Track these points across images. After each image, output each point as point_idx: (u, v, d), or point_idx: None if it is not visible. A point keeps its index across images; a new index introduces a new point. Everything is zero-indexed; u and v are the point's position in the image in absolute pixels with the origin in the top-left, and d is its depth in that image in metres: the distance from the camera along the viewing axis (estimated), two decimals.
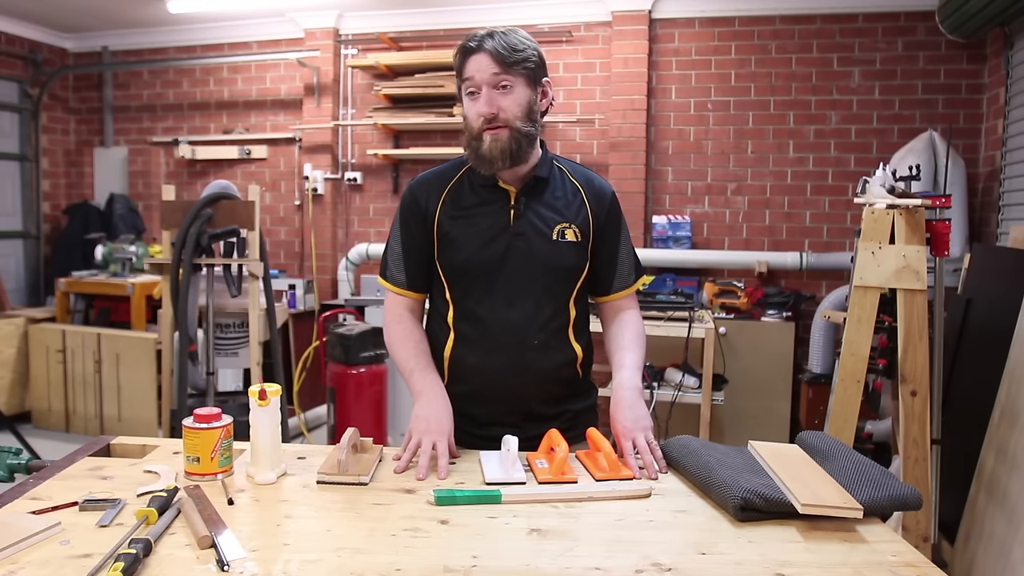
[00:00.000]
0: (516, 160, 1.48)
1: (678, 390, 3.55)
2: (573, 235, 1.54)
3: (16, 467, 1.43)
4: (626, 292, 1.64)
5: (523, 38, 1.48)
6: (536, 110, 1.51)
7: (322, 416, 4.64)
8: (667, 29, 4.57)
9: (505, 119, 1.45)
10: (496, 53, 1.43)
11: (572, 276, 1.57)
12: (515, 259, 1.52)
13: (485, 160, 1.47)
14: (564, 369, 1.58)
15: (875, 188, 2.41)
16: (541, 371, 1.54)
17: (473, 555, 1.03)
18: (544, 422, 1.51)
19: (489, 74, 1.44)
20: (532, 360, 1.52)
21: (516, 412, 1.55)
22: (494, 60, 1.43)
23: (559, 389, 1.59)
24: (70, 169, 5.90)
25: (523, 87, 1.47)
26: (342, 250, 5.22)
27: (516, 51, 1.45)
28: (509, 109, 1.45)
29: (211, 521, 1.08)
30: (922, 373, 2.29)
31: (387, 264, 1.61)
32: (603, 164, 4.64)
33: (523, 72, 1.46)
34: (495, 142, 1.45)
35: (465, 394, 1.55)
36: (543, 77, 1.52)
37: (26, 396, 4.76)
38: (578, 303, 1.60)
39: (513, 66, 1.44)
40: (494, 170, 1.49)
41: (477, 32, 1.47)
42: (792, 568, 1.01)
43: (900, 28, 4.24)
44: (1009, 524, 2.29)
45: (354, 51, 5.11)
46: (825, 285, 4.39)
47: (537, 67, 1.49)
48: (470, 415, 1.56)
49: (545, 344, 1.53)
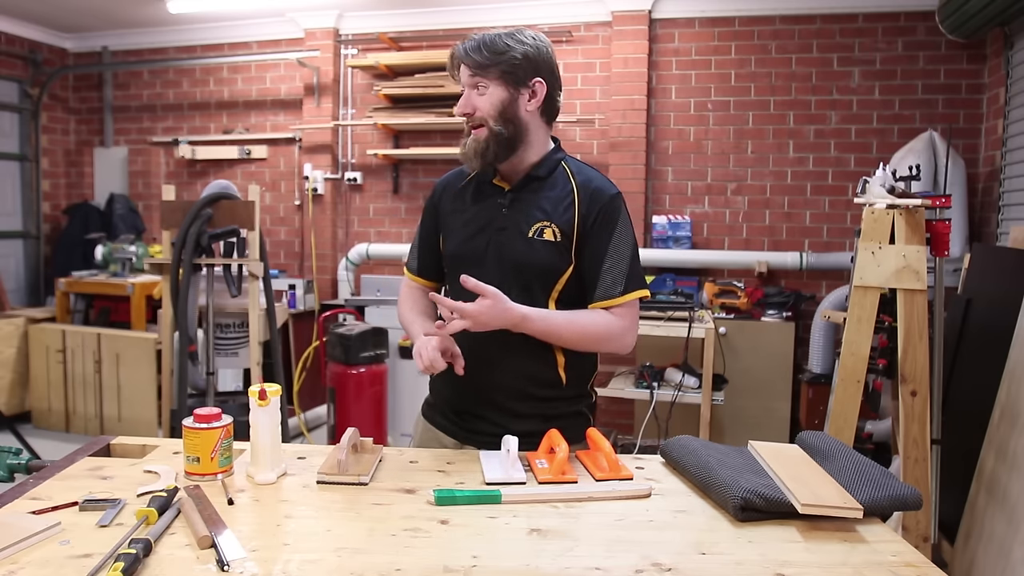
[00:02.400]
0: (493, 159, 1.53)
1: (678, 390, 3.55)
2: (551, 234, 1.52)
3: (16, 467, 1.43)
4: (609, 302, 1.51)
5: (509, 40, 1.50)
6: (516, 110, 1.51)
7: (322, 416, 4.64)
8: (667, 29, 4.57)
9: (480, 118, 1.51)
10: (467, 57, 1.51)
11: (546, 276, 1.54)
12: (493, 254, 1.55)
13: (465, 159, 1.55)
14: (542, 370, 1.56)
15: (875, 188, 2.41)
16: (509, 367, 1.55)
17: (473, 555, 1.03)
18: (520, 419, 1.54)
19: (467, 79, 1.52)
20: (498, 355, 1.53)
21: (487, 404, 1.58)
22: (466, 63, 1.51)
23: (533, 388, 1.57)
24: (70, 169, 5.90)
25: (498, 87, 1.50)
26: (342, 250, 5.22)
27: (495, 53, 1.48)
28: (482, 108, 1.51)
29: (211, 521, 1.08)
30: (922, 373, 2.29)
31: (410, 253, 1.75)
32: (603, 164, 4.64)
33: (498, 73, 1.49)
34: (474, 141, 1.53)
35: (445, 378, 1.59)
36: (531, 77, 1.51)
37: (26, 396, 4.76)
38: (561, 305, 1.55)
39: (486, 67, 1.49)
40: (472, 168, 1.57)
41: (458, 44, 1.54)
42: (792, 568, 1.01)
43: (900, 28, 4.24)
44: (1009, 524, 2.29)
45: (354, 51, 5.11)
46: (825, 285, 4.39)
47: (519, 67, 1.49)
48: (452, 402, 1.65)
49: (516, 341, 1.50)
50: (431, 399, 1.74)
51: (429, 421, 1.71)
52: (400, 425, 4.23)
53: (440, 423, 1.67)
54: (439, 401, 1.70)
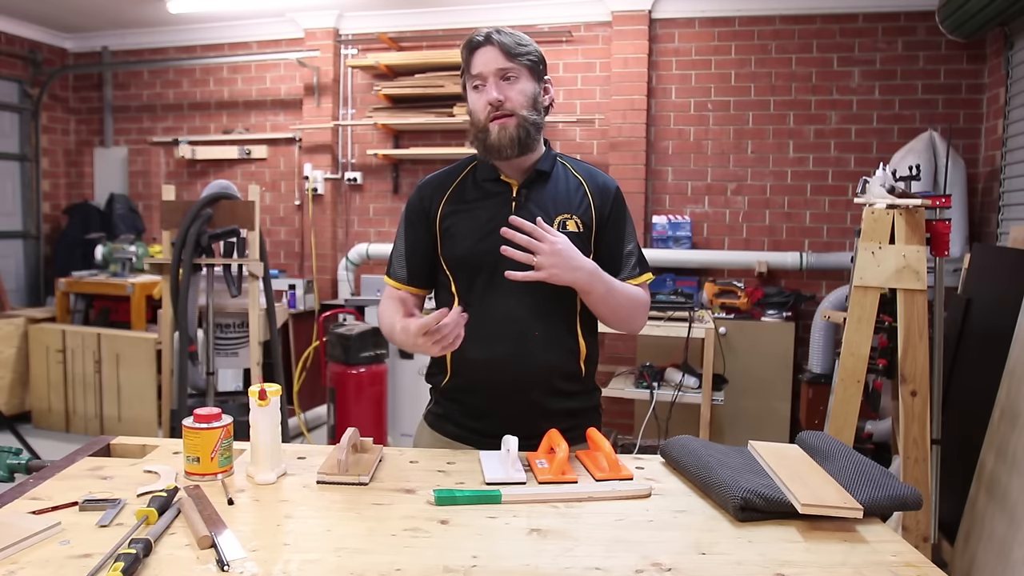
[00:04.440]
0: (524, 148, 1.51)
1: (678, 390, 3.55)
2: (575, 226, 1.55)
3: (16, 467, 1.43)
4: (635, 281, 1.60)
5: (525, 37, 1.55)
6: (540, 102, 1.55)
7: (322, 416, 4.65)
8: (667, 29, 4.57)
9: (511, 107, 1.49)
10: (502, 45, 1.49)
11: None
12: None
13: (494, 149, 1.50)
14: (566, 362, 1.56)
15: (875, 188, 2.41)
16: (542, 362, 1.52)
17: (473, 555, 1.03)
18: (546, 417, 1.50)
19: (495, 67, 1.49)
20: (533, 351, 1.51)
21: (518, 404, 1.52)
22: (500, 52, 1.49)
23: (561, 382, 1.56)
24: (70, 169, 5.90)
25: (528, 79, 1.52)
26: (342, 250, 5.22)
27: (520, 45, 1.52)
28: (515, 98, 1.50)
29: (211, 521, 1.08)
30: (922, 373, 2.29)
31: (391, 262, 1.66)
32: (603, 164, 4.64)
33: (527, 64, 1.52)
34: (503, 130, 1.49)
35: (468, 386, 1.56)
36: (544, 76, 1.57)
37: (26, 396, 4.76)
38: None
39: (518, 57, 1.50)
40: (503, 158, 1.52)
41: (480, 31, 1.52)
42: (792, 568, 1.01)
43: (900, 28, 4.24)
44: (1009, 524, 2.29)
45: (354, 51, 5.11)
46: (825, 285, 4.39)
47: (538, 64, 1.55)
48: (472, 408, 1.57)
49: (546, 335, 1.52)
50: (438, 409, 1.64)
51: (439, 432, 1.62)
52: (400, 425, 4.23)
53: (452, 432, 1.59)
54: (450, 410, 1.60)
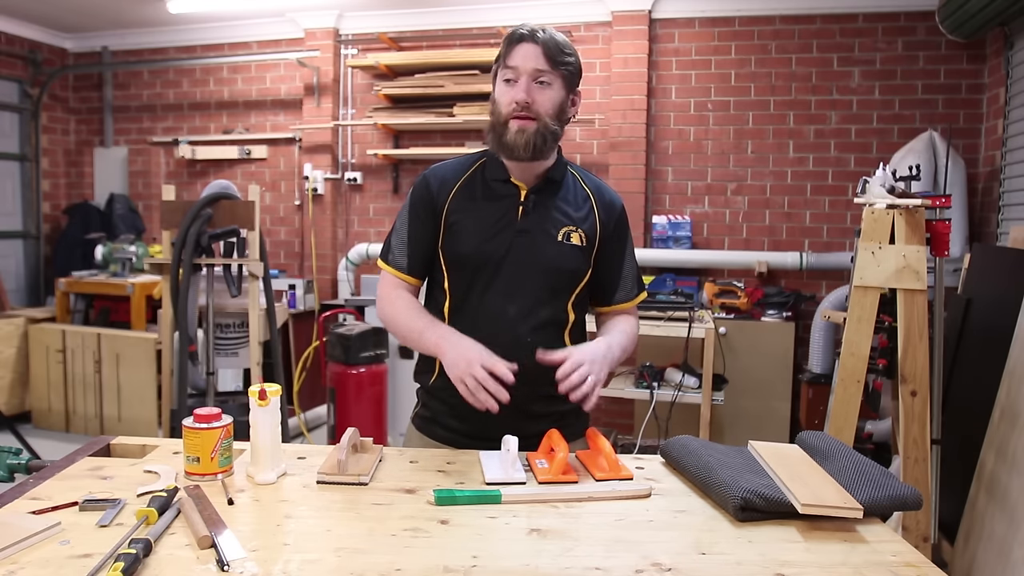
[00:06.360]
0: (537, 154, 1.50)
1: (678, 390, 3.55)
2: (579, 239, 1.55)
3: (16, 467, 1.43)
4: (628, 304, 1.65)
5: (570, 45, 1.52)
6: (566, 113, 1.54)
7: (322, 416, 4.65)
8: (667, 29, 4.57)
9: (536, 112, 1.48)
10: (547, 47, 1.47)
11: (573, 279, 1.57)
12: (517, 255, 1.52)
13: (507, 147, 1.49)
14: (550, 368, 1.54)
15: (875, 188, 2.41)
16: (533, 369, 1.50)
17: (473, 555, 1.03)
18: (532, 419, 1.50)
19: (533, 67, 1.47)
20: (524, 357, 1.49)
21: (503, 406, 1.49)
22: (543, 53, 1.47)
23: (551, 389, 1.55)
24: (70, 169, 5.90)
25: (560, 88, 1.51)
26: (342, 250, 5.22)
27: (564, 52, 1.49)
28: (543, 104, 1.48)
29: (211, 521, 1.08)
30: (922, 373, 2.29)
31: (390, 247, 1.61)
32: (603, 164, 4.64)
33: (564, 73, 1.50)
34: (520, 133, 1.48)
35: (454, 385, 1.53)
36: (576, 87, 1.56)
37: (26, 396, 4.76)
38: (576, 308, 1.59)
39: (558, 65, 1.48)
40: (514, 158, 1.51)
41: (526, 23, 1.50)
42: (792, 568, 1.01)
43: (900, 28, 4.24)
44: (1009, 524, 2.29)
45: (354, 51, 5.11)
46: (825, 285, 4.39)
47: (575, 75, 1.53)
48: (457, 408, 1.52)
49: (538, 343, 1.50)
50: (425, 412, 1.64)
51: (427, 435, 1.63)
52: (400, 425, 4.23)
53: (440, 435, 1.60)
54: (437, 412, 1.61)
